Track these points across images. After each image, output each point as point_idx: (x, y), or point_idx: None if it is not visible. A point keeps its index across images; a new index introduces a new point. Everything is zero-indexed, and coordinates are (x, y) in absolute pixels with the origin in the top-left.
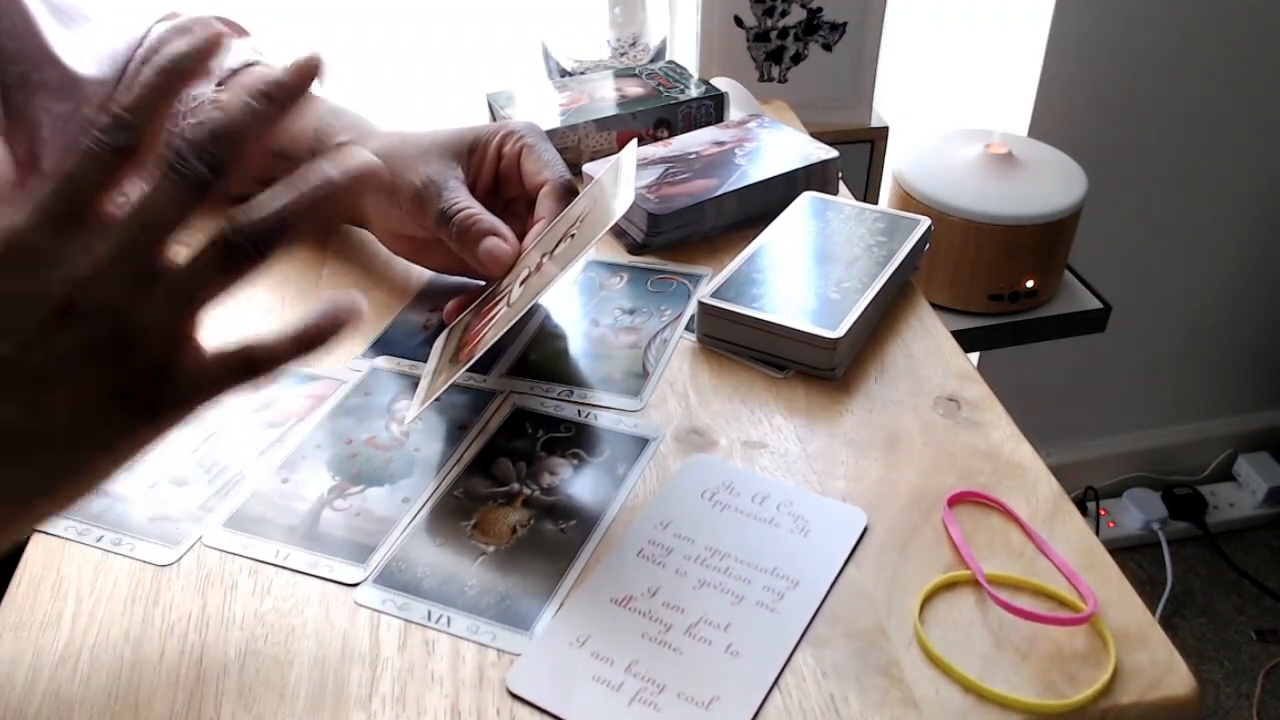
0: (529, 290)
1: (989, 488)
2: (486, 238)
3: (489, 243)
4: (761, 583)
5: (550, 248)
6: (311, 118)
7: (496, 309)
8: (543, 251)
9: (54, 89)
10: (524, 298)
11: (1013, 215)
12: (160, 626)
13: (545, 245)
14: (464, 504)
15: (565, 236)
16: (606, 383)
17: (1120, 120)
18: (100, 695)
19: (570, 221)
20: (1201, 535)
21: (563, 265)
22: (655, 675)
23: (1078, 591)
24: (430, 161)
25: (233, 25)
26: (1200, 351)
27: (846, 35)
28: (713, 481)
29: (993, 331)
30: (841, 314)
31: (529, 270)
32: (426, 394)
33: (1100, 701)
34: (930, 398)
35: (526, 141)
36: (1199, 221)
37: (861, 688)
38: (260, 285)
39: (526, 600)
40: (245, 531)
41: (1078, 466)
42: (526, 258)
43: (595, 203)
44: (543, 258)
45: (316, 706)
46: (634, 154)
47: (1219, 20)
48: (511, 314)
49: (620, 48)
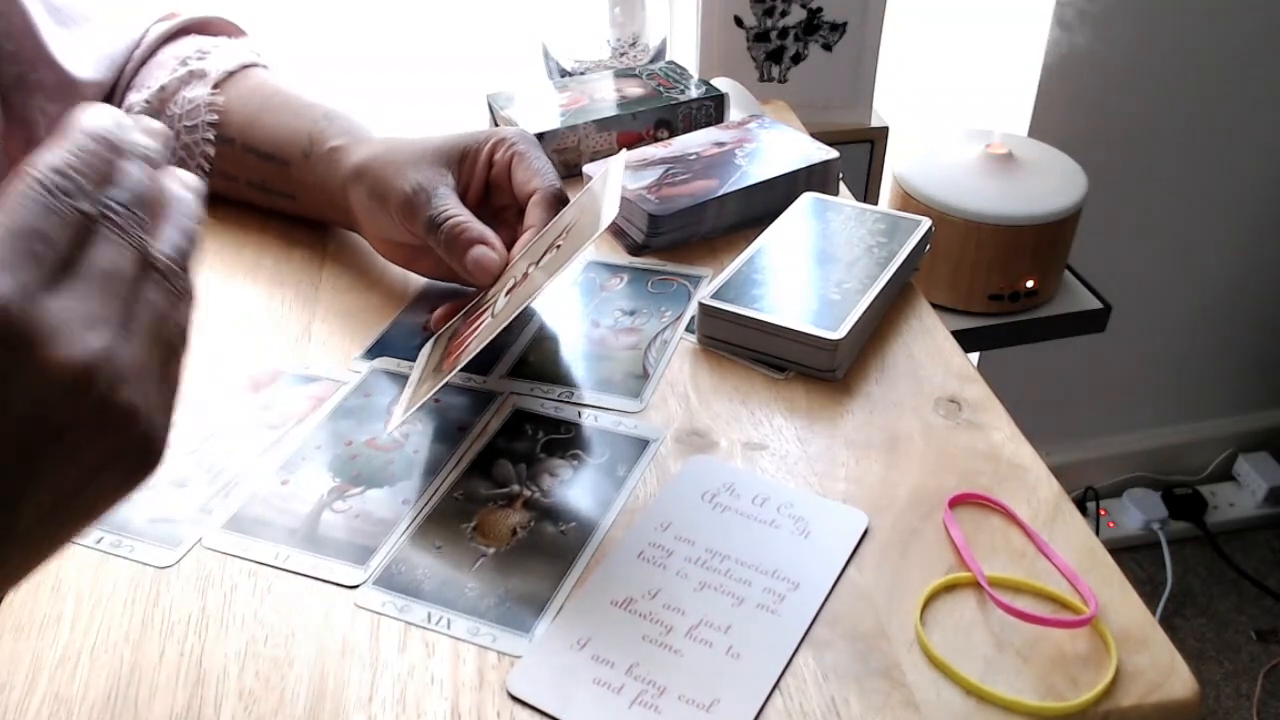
0: (514, 300)
1: (990, 489)
2: (474, 246)
3: (476, 251)
4: (762, 584)
5: (537, 257)
6: (305, 121)
7: (481, 319)
8: (530, 261)
9: (51, 90)
10: (508, 308)
11: (1013, 215)
12: (160, 628)
13: (533, 254)
14: (464, 506)
15: (552, 246)
16: (607, 384)
17: (1120, 120)
18: (100, 697)
19: (558, 231)
20: (1201, 535)
21: (548, 275)
22: (656, 677)
23: (1079, 593)
24: (421, 168)
25: (230, 26)
26: (1200, 351)
27: (846, 35)
28: (713, 483)
29: (993, 331)
30: (842, 315)
31: (515, 280)
32: (409, 403)
33: (1102, 704)
34: (931, 399)
35: (518, 149)
36: (1199, 221)
37: (862, 690)
38: (260, 286)
39: (527, 602)
40: (245, 533)
41: (1078, 466)
42: (514, 267)
43: (584, 212)
44: (529, 267)
45: (316, 709)
46: (622, 164)
47: (1219, 20)
48: (495, 324)
49: (620, 48)
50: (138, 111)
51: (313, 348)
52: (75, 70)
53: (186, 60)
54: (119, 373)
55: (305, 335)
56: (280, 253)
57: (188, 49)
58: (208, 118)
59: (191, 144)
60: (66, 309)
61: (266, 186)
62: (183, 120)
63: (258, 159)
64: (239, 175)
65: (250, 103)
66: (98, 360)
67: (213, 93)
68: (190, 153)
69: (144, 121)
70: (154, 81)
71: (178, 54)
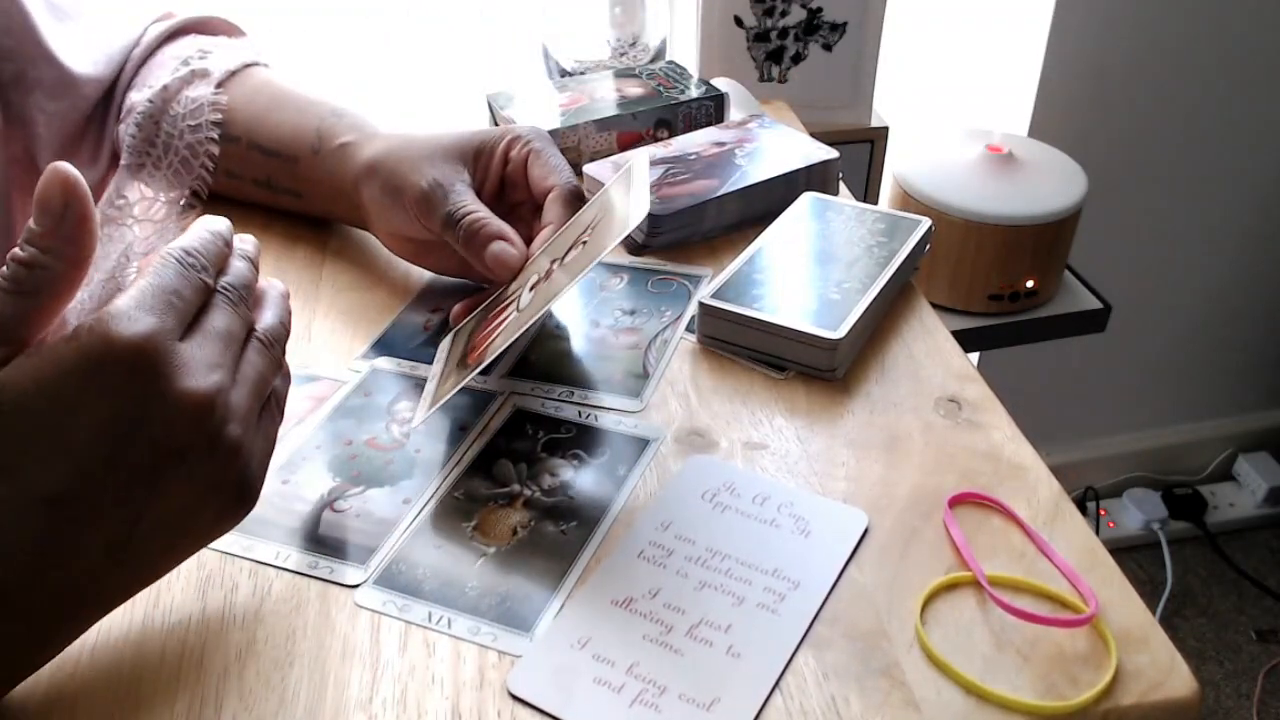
0: (540, 296)
1: (990, 488)
2: (494, 242)
3: (496, 247)
4: (762, 584)
5: (560, 254)
6: (313, 118)
7: (506, 314)
8: (552, 257)
9: (49, 87)
10: (535, 304)
11: (1013, 215)
12: (160, 628)
13: (555, 251)
14: (464, 505)
15: (577, 243)
16: (607, 384)
17: (1120, 120)
18: (100, 696)
19: (580, 228)
20: (1201, 535)
21: (575, 273)
22: (656, 676)
23: (1079, 592)
24: (436, 164)
25: (229, 26)
26: (1200, 351)
27: (846, 35)
28: (713, 482)
29: (993, 331)
30: (842, 315)
31: (538, 276)
32: (434, 398)
33: (1101, 703)
34: (931, 398)
35: (534, 146)
36: (1199, 221)
37: (862, 689)
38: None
39: (527, 602)
40: (245, 533)
41: (1078, 466)
42: (535, 263)
43: (606, 211)
44: (552, 264)
45: (317, 708)
46: (647, 161)
47: (1219, 20)
48: (522, 320)
49: (620, 48)
50: (140, 110)
51: (313, 347)
52: (74, 66)
53: (188, 60)
54: (231, 411)
55: (305, 334)
56: (280, 252)
57: (189, 49)
58: (212, 116)
59: (195, 143)
60: (192, 352)
61: (272, 184)
62: (186, 119)
63: (263, 156)
64: (244, 173)
65: (255, 100)
66: (215, 395)
67: (216, 91)
68: (194, 152)
69: (246, 237)
70: (155, 81)
71: (178, 54)
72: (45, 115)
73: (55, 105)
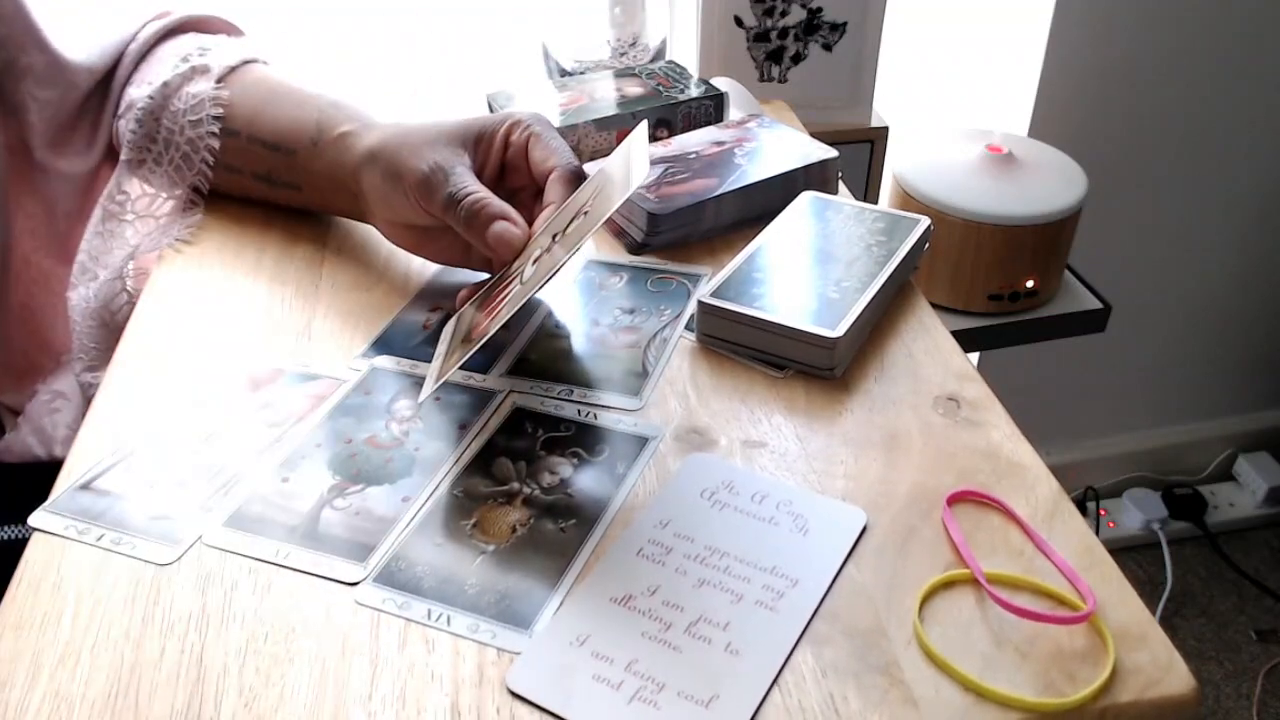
0: (541, 268)
1: (988, 487)
2: (496, 221)
3: (499, 226)
4: (761, 582)
5: (561, 228)
6: (312, 110)
7: (509, 290)
8: (553, 233)
9: (40, 74)
10: (536, 275)
11: (1013, 215)
12: (160, 626)
13: (556, 227)
14: (464, 503)
15: (578, 214)
16: (606, 382)
17: (1120, 120)
18: (100, 695)
19: (579, 205)
20: (1201, 535)
21: (574, 243)
22: (655, 674)
23: (1077, 591)
24: (437, 149)
25: (227, 24)
26: (1200, 351)
27: (846, 35)
28: (712, 481)
29: (993, 331)
30: (841, 313)
31: (541, 250)
32: (439, 373)
33: (1099, 700)
34: (930, 397)
35: (534, 130)
36: (1199, 221)
37: (861, 686)
38: (260, 284)
39: (526, 599)
40: (245, 531)
41: (1078, 466)
42: (537, 239)
43: (606, 180)
44: (554, 238)
45: (316, 705)
46: (645, 132)
47: (1219, 20)
48: (525, 291)
49: (620, 48)
50: (140, 106)
51: (313, 346)
52: (67, 53)
53: (188, 57)
54: None
55: (305, 333)
56: (281, 250)
57: (188, 46)
58: (213, 111)
59: (196, 139)
60: None
61: (272, 178)
62: (187, 115)
63: (264, 149)
64: (244, 168)
65: (255, 95)
66: None
67: (217, 87)
68: (195, 147)
69: None
70: (155, 77)
71: (177, 50)
72: (37, 103)
73: (47, 93)
